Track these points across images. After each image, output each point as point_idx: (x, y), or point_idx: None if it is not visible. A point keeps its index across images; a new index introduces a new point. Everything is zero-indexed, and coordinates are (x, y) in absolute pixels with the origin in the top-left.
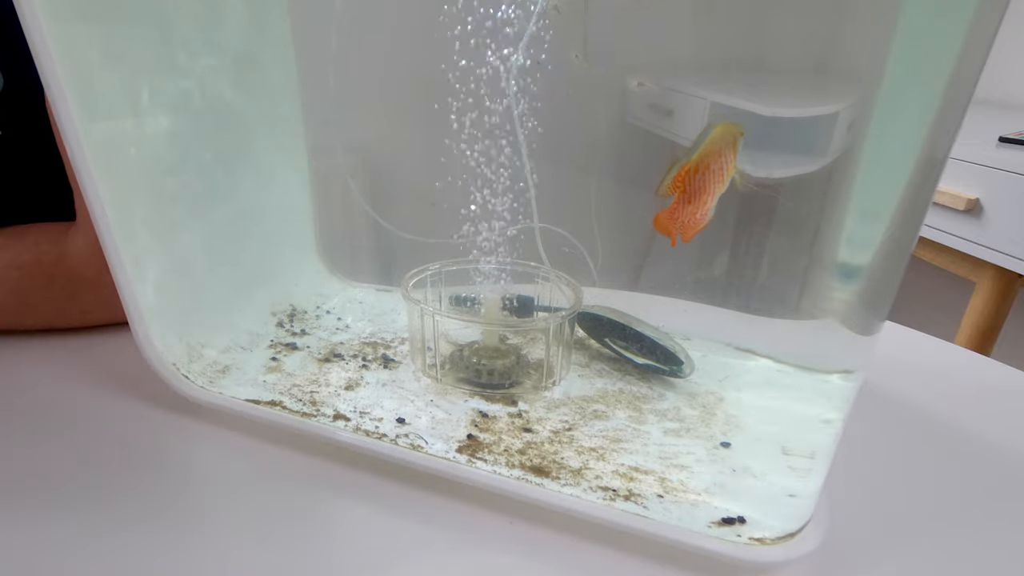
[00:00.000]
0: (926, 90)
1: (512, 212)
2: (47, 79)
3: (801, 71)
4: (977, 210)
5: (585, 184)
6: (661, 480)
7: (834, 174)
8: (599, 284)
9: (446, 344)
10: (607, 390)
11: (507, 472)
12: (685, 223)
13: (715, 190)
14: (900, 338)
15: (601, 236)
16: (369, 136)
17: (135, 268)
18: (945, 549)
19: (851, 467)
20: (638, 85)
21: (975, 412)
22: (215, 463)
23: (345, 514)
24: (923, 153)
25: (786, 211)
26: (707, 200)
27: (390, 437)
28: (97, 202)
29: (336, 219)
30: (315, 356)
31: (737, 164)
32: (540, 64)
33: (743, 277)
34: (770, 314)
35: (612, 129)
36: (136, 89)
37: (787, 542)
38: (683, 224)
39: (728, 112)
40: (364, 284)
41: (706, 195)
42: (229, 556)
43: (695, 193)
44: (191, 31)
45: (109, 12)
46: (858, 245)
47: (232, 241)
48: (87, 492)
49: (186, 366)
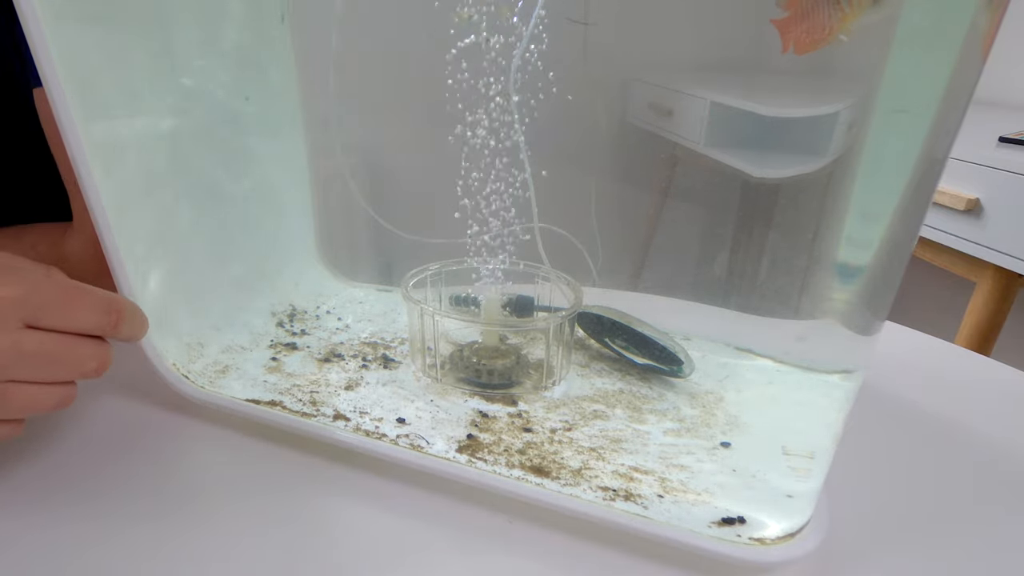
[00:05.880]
0: (926, 90)
1: (512, 212)
2: (47, 79)
3: (801, 71)
4: (977, 210)
5: (585, 184)
6: (661, 480)
7: (834, 174)
8: (599, 284)
9: (446, 344)
10: (607, 390)
11: (507, 472)
12: (798, 39)
13: (829, 12)
14: (900, 338)
15: (601, 236)
16: (369, 136)
17: (135, 269)
18: (945, 549)
19: (851, 467)
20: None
21: (975, 412)
22: (215, 463)
23: (345, 514)
24: (923, 153)
25: (786, 211)
26: (821, 20)
27: (390, 437)
28: (97, 202)
29: (336, 219)
30: (315, 356)
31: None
32: (539, 65)
33: (743, 277)
34: (770, 314)
35: (612, 129)
36: (136, 89)
37: (787, 542)
38: (797, 39)
39: (728, 112)
40: (364, 284)
41: (819, 13)
42: (229, 555)
43: (807, 12)
44: (191, 31)
45: (109, 12)
46: (858, 245)
47: (232, 241)
48: (87, 492)
49: (186, 366)
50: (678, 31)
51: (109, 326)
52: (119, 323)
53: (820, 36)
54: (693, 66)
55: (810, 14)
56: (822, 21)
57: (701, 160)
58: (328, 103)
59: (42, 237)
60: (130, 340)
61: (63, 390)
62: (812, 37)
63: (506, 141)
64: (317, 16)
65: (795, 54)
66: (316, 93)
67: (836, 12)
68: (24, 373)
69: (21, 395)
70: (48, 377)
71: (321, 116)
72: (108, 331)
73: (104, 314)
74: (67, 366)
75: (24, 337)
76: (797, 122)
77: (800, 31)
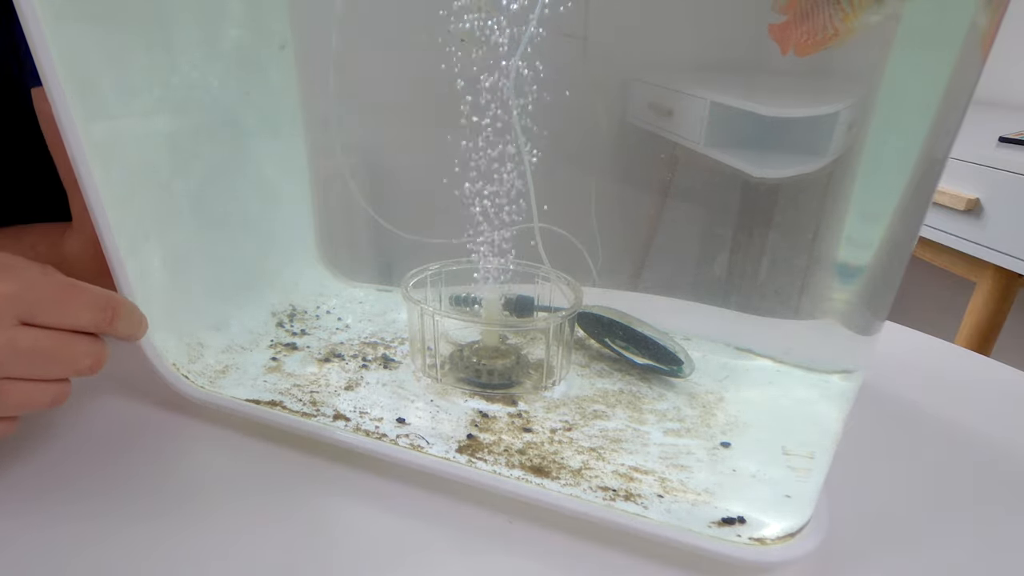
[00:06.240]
0: (926, 90)
1: (512, 212)
2: (47, 79)
3: (801, 71)
4: (977, 210)
5: (585, 184)
6: (661, 480)
7: (834, 174)
8: (599, 284)
9: (446, 344)
10: (607, 390)
11: (507, 472)
12: (799, 42)
13: (830, 12)
14: (900, 338)
15: (601, 236)
16: (369, 136)
17: (134, 269)
18: (945, 549)
19: (851, 467)
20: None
21: (975, 412)
22: (214, 463)
23: (345, 514)
24: (923, 153)
25: (786, 211)
26: (822, 21)
27: (390, 437)
28: (97, 203)
29: (336, 219)
30: (315, 356)
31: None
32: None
33: (743, 277)
34: (770, 314)
35: (612, 129)
36: (136, 89)
37: (787, 542)
38: (797, 42)
39: (728, 112)
40: (364, 284)
41: (819, 15)
42: (229, 555)
43: (806, 13)
44: (191, 31)
45: (109, 12)
46: (858, 245)
47: (232, 241)
48: (87, 491)
49: (186, 366)
50: (678, 31)
51: (104, 323)
52: (114, 320)
53: (824, 37)
54: (693, 66)
55: (810, 15)
56: (823, 22)
57: (701, 160)
58: (328, 103)
59: (42, 237)
60: (127, 338)
61: (58, 387)
62: (813, 39)
63: (506, 141)
64: (317, 16)
65: (796, 56)
66: (316, 93)
67: (837, 12)
68: (19, 370)
69: (16, 392)
70: (43, 374)
71: (321, 116)
72: (103, 328)
73: (99, 311)
74: (62, 363)
75: (19, 334)
76: (797, 122)
77: (800, 33)
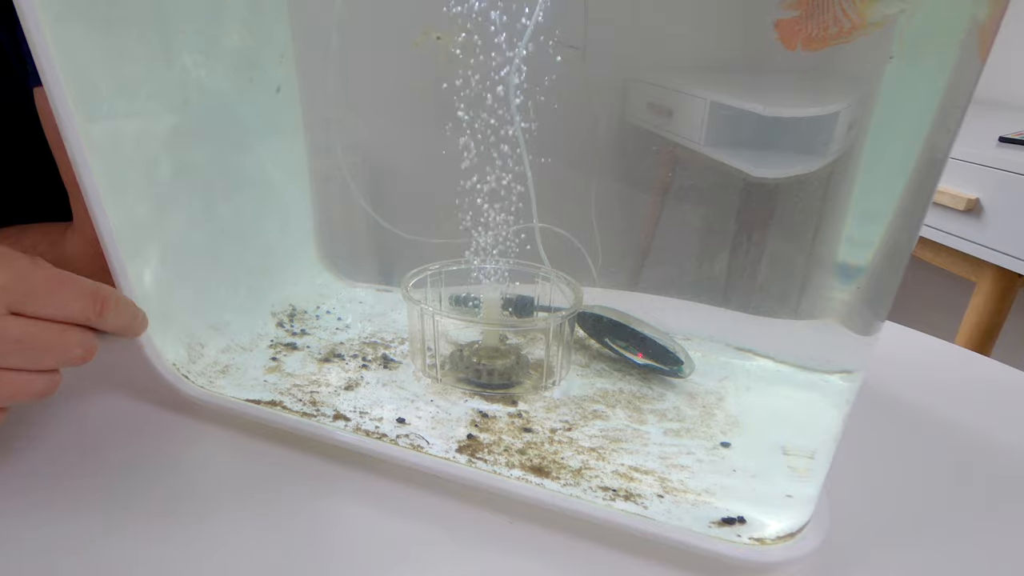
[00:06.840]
0: (926, 90)
1: (512, 212)
2: (47, 79)
3: (801, 71)
4: (977, 210)
5: (585, 184)
6: (661, 480)
7: (834, 174)
8: (599, 284)
9: (446, 344)
10: (607, 390)
11: (507, 472)
12: (811, 35)
13: (843, 3)
14: (900, 338)
15: (601, 236)
16: (369, 136)
17: (134, 268)
18: (945, 549)
19: (851, 467)
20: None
21: (975, 412)
22: (215, 463)
23: (345, 514)
24: (923, 153)
25: (786, 211)
26: (834, 14)
27: (390, 437)
28: (97, 202)
29: (336, 219)
30: (315, 356)
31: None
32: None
33: (743, 277)
34: (770, 314)
35: (612, 129)
36: (136, 89)
37: (787, 542)
38: (808, 36)
39: (728, 112)
40: (364, 284)
41: (833, 7)
42: (229, 555)
43: (819, 6)
44: (191, 31)
45: (109, 12)
46: (858, 245)
47: (232, 241)
48: (87, 491)
49: (186, 366)
50: (678, 31)
51: (94, 314)
52: (104, 311)
53: (839, 31)
54: (693, 66)
55: (824, 8)
56: (835, 15)
57: (701, 160)
58: (328, 103)
59: (42, 237)
60: (122, 333)
61: (48, 378)
62: (827, 32)
63: (506, 142)
64: (317, 16)
65: (805, 50)
66: (316, 93)
67: (852, 4)
68: (8, 360)
69: (5, 382)
70: (33, 364)
71: (321, 116)
72: (93, 319)
73: (89, 301)
74: (52, 353)
75: (8, 324)
76: (797, 122)
77: (814, 27)
